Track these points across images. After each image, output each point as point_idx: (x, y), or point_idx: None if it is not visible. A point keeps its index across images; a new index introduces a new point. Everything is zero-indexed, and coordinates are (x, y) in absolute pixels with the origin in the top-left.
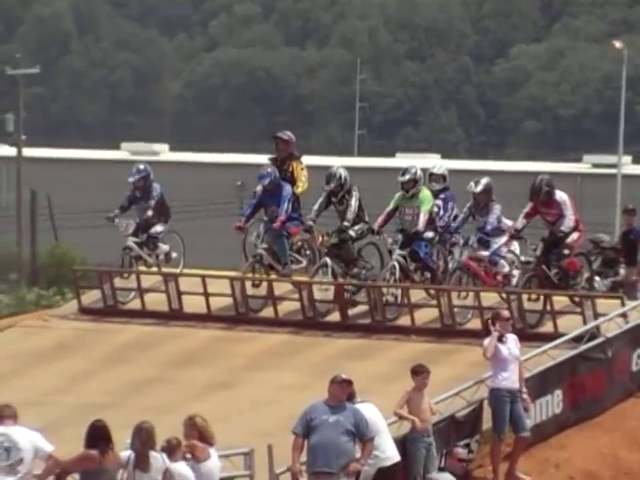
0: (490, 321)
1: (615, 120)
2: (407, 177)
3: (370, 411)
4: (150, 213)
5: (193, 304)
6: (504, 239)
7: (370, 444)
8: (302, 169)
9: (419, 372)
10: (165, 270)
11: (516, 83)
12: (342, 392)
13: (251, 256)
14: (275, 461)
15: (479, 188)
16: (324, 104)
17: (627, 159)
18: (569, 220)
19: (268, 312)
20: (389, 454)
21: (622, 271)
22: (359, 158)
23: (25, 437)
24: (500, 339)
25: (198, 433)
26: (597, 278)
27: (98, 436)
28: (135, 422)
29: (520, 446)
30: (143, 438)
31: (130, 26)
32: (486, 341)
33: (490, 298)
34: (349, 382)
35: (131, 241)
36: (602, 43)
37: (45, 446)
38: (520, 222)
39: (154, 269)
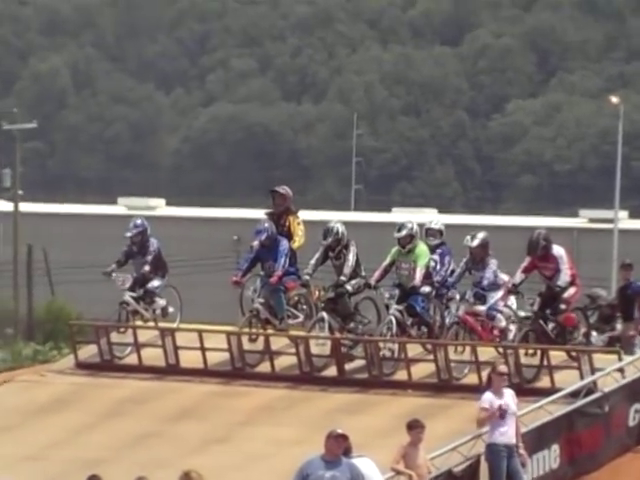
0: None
1: (611, 175)
2: (403, 233)
3: (367, 466)
4: (147, 268)
5: (190, 359)
6: (501, 293)
7: None
8: (299, 224)
9: (414, 427)
10: (162, 325)
11: (512, 138)
12: (338, 447)
13: (248, 311)
14: None
15: (475, 242)
16: (321, 159)
17: (624, 214)
18: (565, 275)
19: (265, 367)
20: None
21: (619, 326)
22: (356, 213)
23: None
24: (501, 409)
25: None
26: (594, 333)
27: None
28: (132, 477)
29: None
30: None
31: (127, 81)
32: (483, 404)
33: (487, 353)
34: (345, 437)
35: (128, 296)
36: (598, 98)
37: None
38: (518, 277)
39: (151, 324)
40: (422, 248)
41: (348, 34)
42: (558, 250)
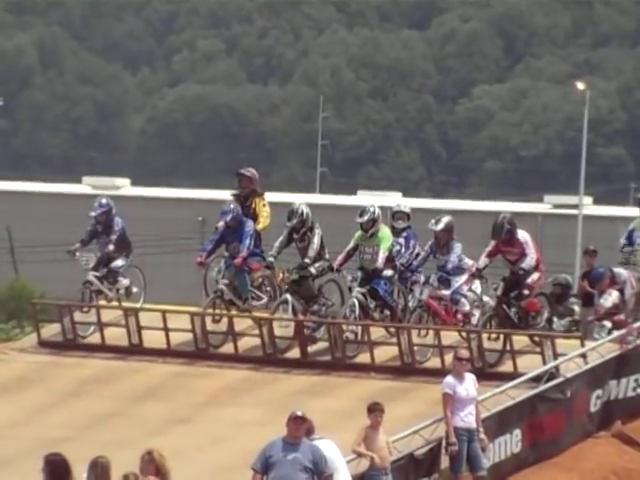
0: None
1: (576, 161)
2: (365, 218)
3: (328, 448)
4: (111, 247)
5: (153, 339)
6: (465, 278)
7: None
8: (264, 205)
9: (372, 410)
10: (125, 305)
11: (478, 123)
12: (297, 429)
13: (212, 292)
14: None
15: (440, 226)
16: (286, 141)
17: (588, 200)
18: (530, 259)
19: (228, 348)
20: None
21: (577, 308)
22: (321, 195)
23: None
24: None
25: (155, 468)
26: (555, 318)
27: (60, 471)
28: (93, 457)
29: None
30: (98, 473)
31: (93, 60)
32: (445, 389)
33: (450, 337)
34: (303, 419)
35: (91, 275)
36: (564, 84)
37: None
38: (482, 261)
39: (114, 303)
40: (385, 232)
41: (315, 16)
42: (523, 235)
